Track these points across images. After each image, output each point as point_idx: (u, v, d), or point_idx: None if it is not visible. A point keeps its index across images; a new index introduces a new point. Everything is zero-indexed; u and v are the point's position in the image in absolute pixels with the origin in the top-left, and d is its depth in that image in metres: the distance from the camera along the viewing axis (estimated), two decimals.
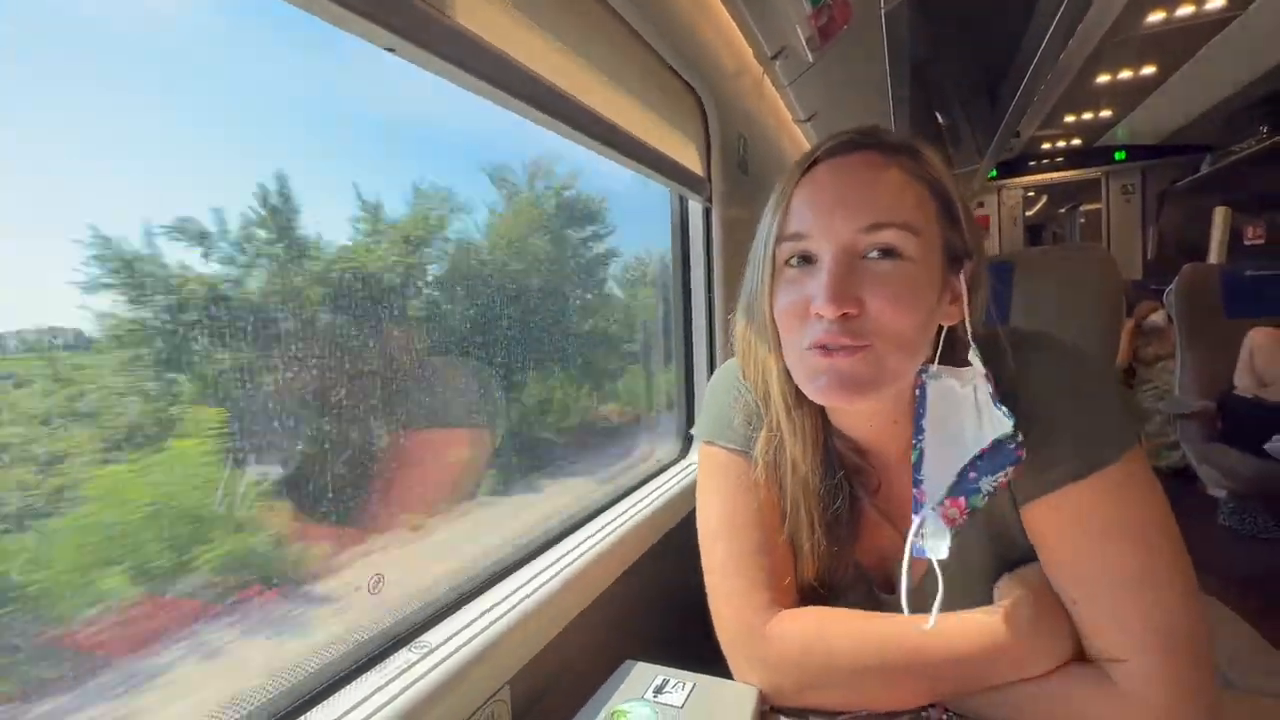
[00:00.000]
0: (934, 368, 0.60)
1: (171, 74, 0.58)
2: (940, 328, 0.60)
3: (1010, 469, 0.55)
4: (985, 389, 0.57)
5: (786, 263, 0.59)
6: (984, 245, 0.61)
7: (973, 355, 0.58)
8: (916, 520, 0.58)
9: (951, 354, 0.60)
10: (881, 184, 0.56)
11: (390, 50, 0.55)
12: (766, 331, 0.61)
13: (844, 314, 0.54)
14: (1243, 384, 2.61)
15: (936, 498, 0.57)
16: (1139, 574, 0.53)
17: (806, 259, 0.58)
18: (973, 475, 0.57)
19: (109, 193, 0.53)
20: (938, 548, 0.56)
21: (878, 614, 0.61)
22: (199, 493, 0.59)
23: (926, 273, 0.56)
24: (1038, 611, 0.57)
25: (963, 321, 0.59)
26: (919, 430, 0.60)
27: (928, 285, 0.56)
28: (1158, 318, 3.62)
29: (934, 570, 0.56)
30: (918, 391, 0.60)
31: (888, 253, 0.55)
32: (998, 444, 0.55)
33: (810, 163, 0.59)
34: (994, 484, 0.56)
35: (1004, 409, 0.55)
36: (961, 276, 0.58)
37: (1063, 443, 0.56)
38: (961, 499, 0.57)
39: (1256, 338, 2.60)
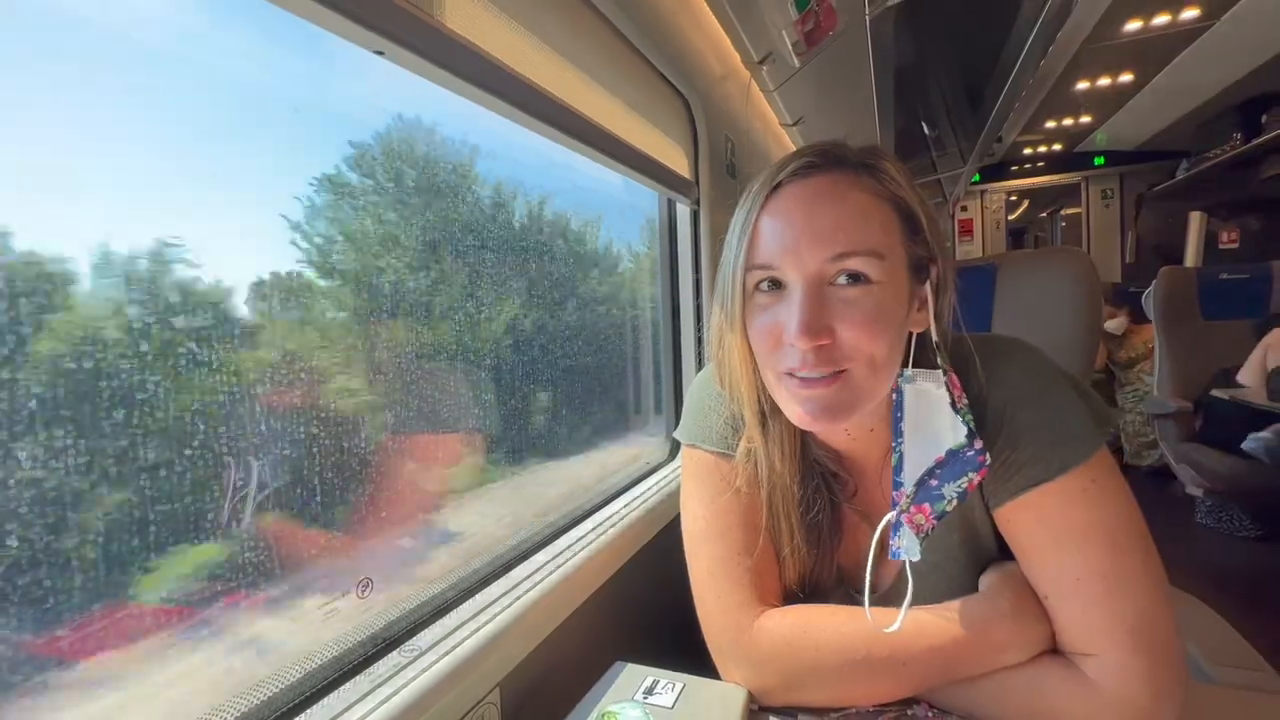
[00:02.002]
0: (909, 371, 0.61)
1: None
2: (911, 334, 0.61)
3: (974, 474, 0.57)
4: (945, 397, 0.59)
5: (756, 287, 0.60)
6: (946, 246, 0.63)
7: (940, 361, 0.60)
8: (884, 520, 0.60)
9: (924, 357, 0.62)
10: (846, 210, 0.56)
11: (379, 53, 0.55)
12: (740, 350, 0.62)
13: (817, 345, 0.55)
14: (1252, 382, 2.61)
15: (904, 504, 0.59)
16: (1107, 572, 0.55)
17: (776, 284, 0.59)
18: (934, 483, 0.59)
19: None
20: (911, 550, 0.58)
21: (861, 610, 0.61)
22: None
23: (894, 292, 0.57)
24: (1015, 604, 0.58)
25: (930, 327, 0.60)
26: (898, 434, 0.61)
27: (896, 304, 0.57)
28: (1114, 325, 3.69)
29: (907, 572, 0.58)
30: (894, 396, 0.62)
31: (855, 278, 0.56)
32: (953, 454, 0.58)
33: (774, 185, 0.59)
34: (958, 489, 0.58)
35: (962, 416, 0.58)
36: (928, 285, 0.60)
37: (1029, 447, 0.58)
38: (927, 505, 0.59)
39: (1275, 336, 2.61)
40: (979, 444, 0.57)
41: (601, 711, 0.57)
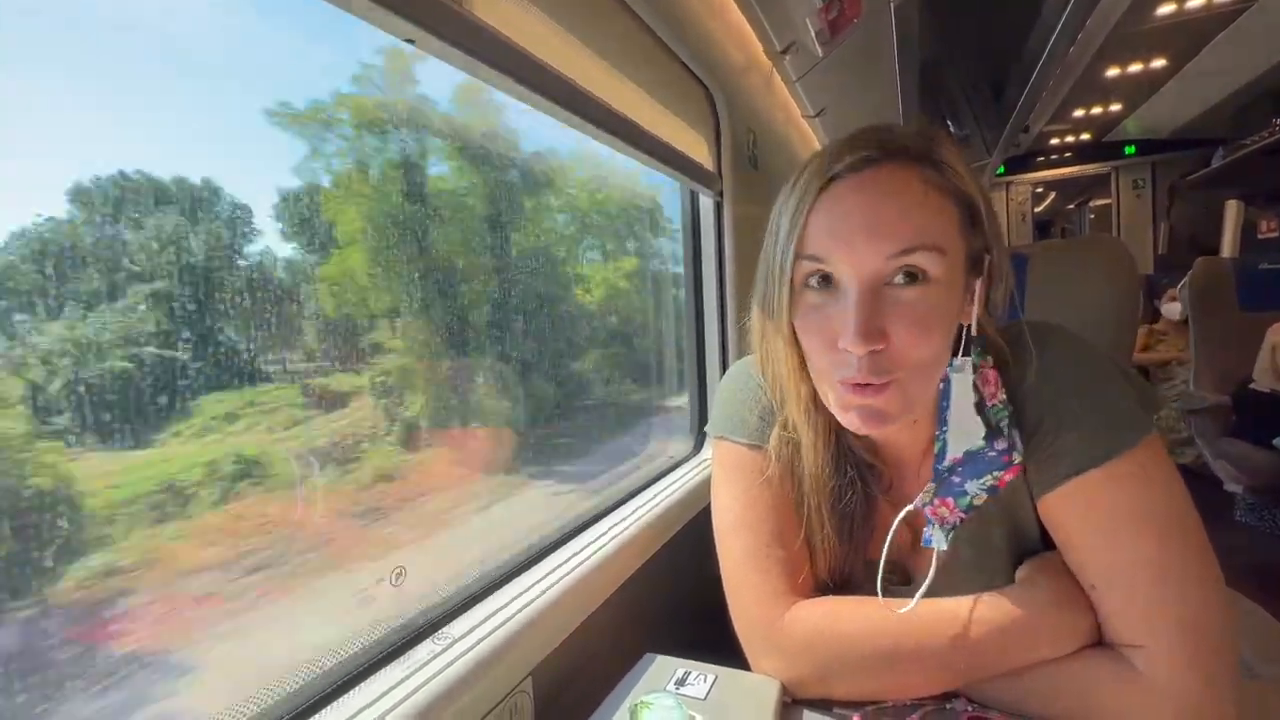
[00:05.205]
0: (957, 360, 0.59)
1: None
2: (962, 326, 0.59)
3: (1000, 473, 0.56)
4: (971, 396, 0.57)
5: (805, 282, 0.57)
6: (1003, 234, 0.61)
7: (974, 355, 0.58)
8: (904, 509, 0.60)
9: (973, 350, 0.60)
10: (907, 204, 0.53)
11: (410, 42, 0.56)
12: (784, 343, 0.60)
13: (871, 350, 0.53)
14: (1263, 380, 2.57)
15: (928, 496, 0.59)
16: (1155, 560, 0.53)
17: (827, 279, 0.56)
18: (955, 480, 0.58)
19: None
20: (938, 540, 0.58)
21: (896, 601, 0.60)
22: None
23: (951, 291, 0.54)
24: (1055, 592, 0.57)
25: (976, 320, 0.58)
26: (942, 422, 0.60)
27: (951, 303, 0.55)
28: (1175, 308, 3.56)
29: (947, 561, 0.58)
30: (941, 385, 0.60)
31: (913, 276, 0.53)
32: (971, 455, 0.57)
33: (829, 177, 0.55)
34: (984, 486, 0.57)
35: (991, 414, 0.57)
36: (980, 281, 0.57)
37: (1074, 434, 0.57)
38: (950, 500, 0.58)
39: (1278, 333, 2.56)
40: (1000, 444, 0.56)
41: (635, 701, 0.57)
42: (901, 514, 0.59)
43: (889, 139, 0.55)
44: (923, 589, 0.57)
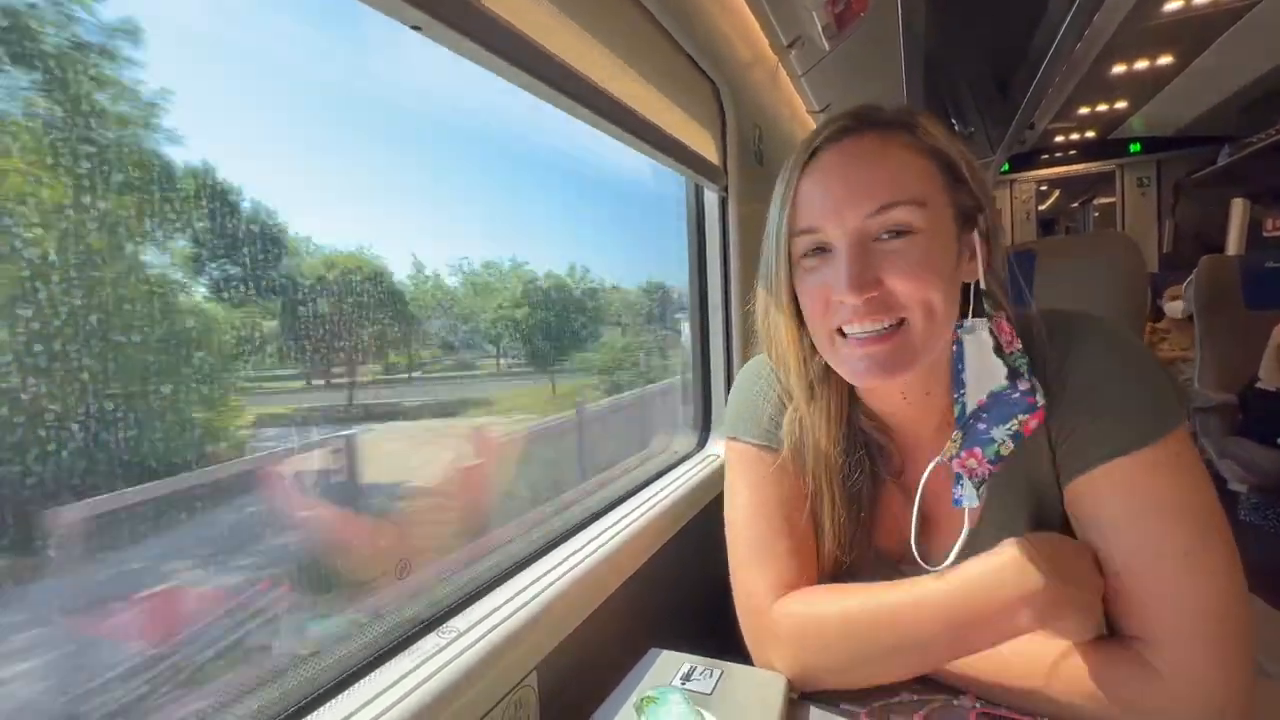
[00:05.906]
0: (968, 322, 0.60)
1: None
2: (967, 285, 0.60)
3: (1025, 416, 0.56)
4: (989, 341, 0.58)
5: (802, 255, 0.60)
6: (993, 194, 0.61)
7: (988, 307, 0.59)
8: (930, 464, 0.60)
9: (982, 308, 0.61)
10: (883, 164, 0.57)
11: (416, 28, 0.55)
12: (786, 320, 0.63)
13: (866, 297, 0.55)
14: (1270, 379, 2.56)
15: (954, 447, 0.59)
16: (1188, 550, 0.52)
17: (821, 249, 0.59)
18: (981, 427, 0.58)
19: None
20: (969, 497, 0.58)
21: (890, 583, 0.60)
22: None
23: (940, 240, 0.57)
24: (1054, 552, 0.54)
25: (983, 275, 0.59)
26: (960, 385, 0.60)
27: (943, 252, 0.57)
28: (1177, 306, 3.54)
29: (967, 548, 0.57)
30: (955, 347, 0.60)
31: (899, 231, 0.56)
32: (995, 395, 0.57)
33: (811, 152, 0.59)
34: (1009, 432, 0.57)
35: (1007, 359, 0.57)
36: (976, 233, 0.59)
37: (1108, 419, 0.56)
38: (977, 450, 0.58)
39: None
40: (1024, 385, 0.56)
41: (641, 696, 0.57)
42: (930, 466, 0.60)
43: (865, 111, 0.60)
44: (959, 543, 0.58)
